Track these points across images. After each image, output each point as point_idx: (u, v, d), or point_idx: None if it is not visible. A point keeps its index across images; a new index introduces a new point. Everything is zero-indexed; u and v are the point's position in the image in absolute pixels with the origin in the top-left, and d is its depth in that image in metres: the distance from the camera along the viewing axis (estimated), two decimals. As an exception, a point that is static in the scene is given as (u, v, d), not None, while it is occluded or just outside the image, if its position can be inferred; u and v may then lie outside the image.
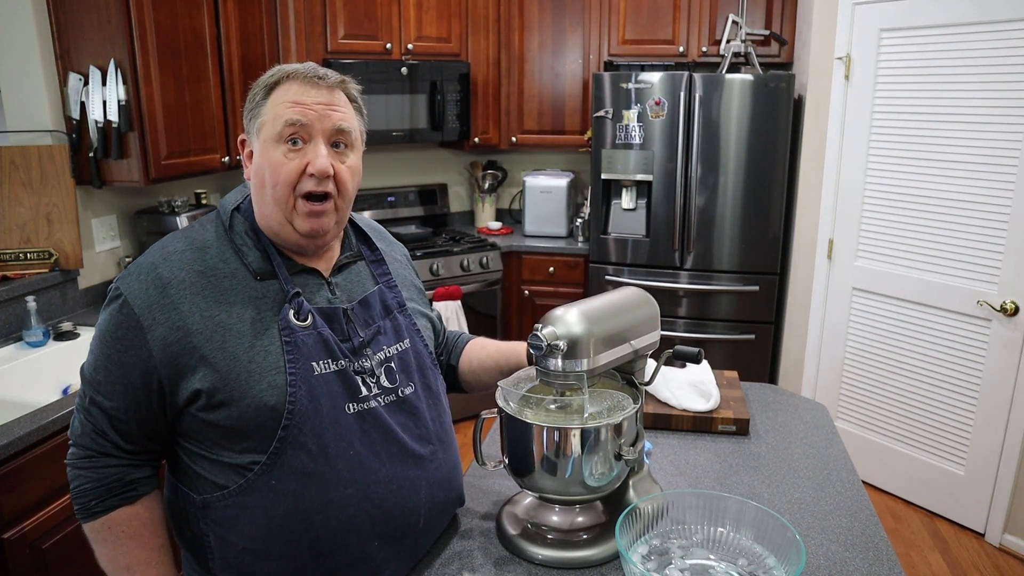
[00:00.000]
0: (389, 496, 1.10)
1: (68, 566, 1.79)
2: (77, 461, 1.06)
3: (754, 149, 3.23)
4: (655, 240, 3.44)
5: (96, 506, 1.05)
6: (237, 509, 1.04)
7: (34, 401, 1.86)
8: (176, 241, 1.09)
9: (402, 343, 1.19)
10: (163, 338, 1.01)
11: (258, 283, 1.07)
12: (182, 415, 1.05)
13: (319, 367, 1.06)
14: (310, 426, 1.04)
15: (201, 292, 1.04)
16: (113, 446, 1.05)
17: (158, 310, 1.02)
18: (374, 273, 1.21)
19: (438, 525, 1.21)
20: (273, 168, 1.04)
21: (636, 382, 1.26)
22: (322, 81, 1.07)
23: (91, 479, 1.05)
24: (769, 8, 3.47)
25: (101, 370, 1.05)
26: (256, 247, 1.09)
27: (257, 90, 1.08)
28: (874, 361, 3.05)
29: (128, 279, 1.05)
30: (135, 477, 1.07)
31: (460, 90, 3.61)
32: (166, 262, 1.05)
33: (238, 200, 1.13)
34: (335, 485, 1.05)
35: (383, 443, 1.10)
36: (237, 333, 1.03)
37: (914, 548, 2.73)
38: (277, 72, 1.08)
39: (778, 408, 1.79)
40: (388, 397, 1.13)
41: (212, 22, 2.65)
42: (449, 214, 4.18)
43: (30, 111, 2.38)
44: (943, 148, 2.70)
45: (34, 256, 2.38)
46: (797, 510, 1.34)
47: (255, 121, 1.07)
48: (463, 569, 1.18)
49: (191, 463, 1.08)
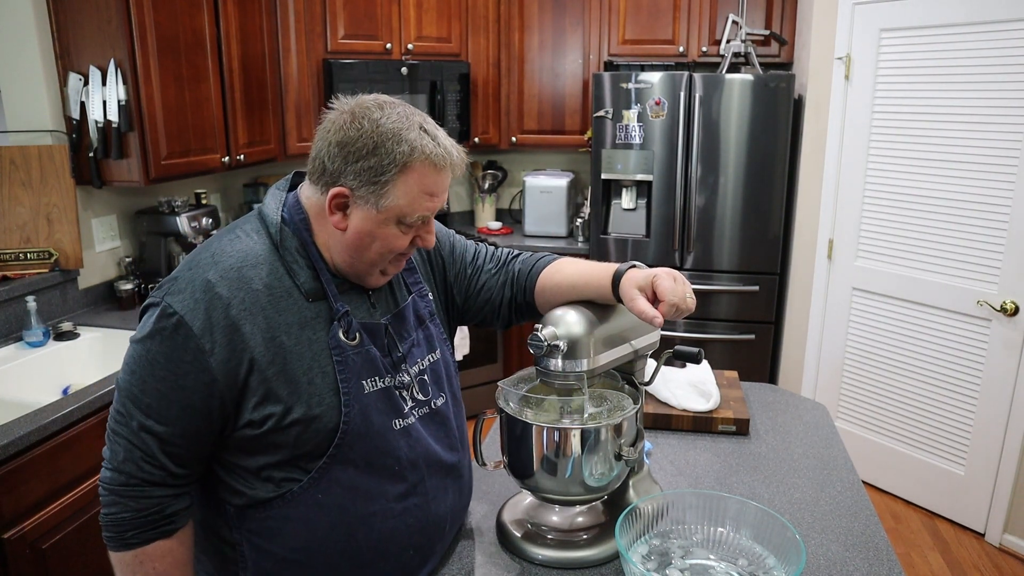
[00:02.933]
0: (425, 506, 1.13)
1: (68, 566, 1.79)
2: (119, 488, 1.01)
3: (754, 149, 3.23)
4: (655, 240, 3.44)
5: (132, 537, 1.01)
6: (280, 520, 1.05)
7: (34, 401, 1.86)
8: (227, 255, 1.03)
9: (434, 354, 1.20)
10: (226, 361, 0.98)
11: (310, 304, 1.05)
12: (234, 435, 1.03)
13: (368, 385, 1.07)
14: (360, 443, 1.05)
15: (262, 311, 1.01)
16: (162, 472, 1.01)
17: (220, 332, 0.98)
18: (406, 281, 1.21)
19: (457, 527, 1.24)
20: (386, 242, 1.05)
21: (636, 382, 1.26)
22: (446, 165, 1.04)
23: (132, 509, 1.01)
24: (769, 8, 3.47)
25: (152, 393, 0.99)
26: (308, 266, 1.06)
27: (386, 160, 1.00)
28: (874, 361, 3.05)
29: (181, 296, 0.99)
30: (176, 509, 1.04)
31: (460, 90, 3.61)
32: (223, 280, 1.00)
33: (279, 208, 1.08)
34: (378, 498, 1.08)
35: (424, 457, 1.13)
36: (297, 355, 1.02)
37: (914, 548, 2.73)
38: (411, 151, 1.01)
39: (778, 408, 1.79)
40: (422, 410, 1.15)
41: (212, 22, 2.65)
42: (449, 214, 4.18)
43: (30, 111, 2.38)
44: (943, 148, 2.70)
45: (34, 256, 2.38)
46: (797, 510, 1.34)
47: (379, 196, 1.01)
48: (463, 569, 1.18)
49: (228, 477, 1.06)
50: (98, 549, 1.86)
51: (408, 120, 1.02)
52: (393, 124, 1.01)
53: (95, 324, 2.41)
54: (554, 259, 1.30)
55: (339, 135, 1.01)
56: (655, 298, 1.08)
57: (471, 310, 1.31)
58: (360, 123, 1.01)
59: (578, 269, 1.23)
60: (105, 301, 2.64)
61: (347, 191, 1.02)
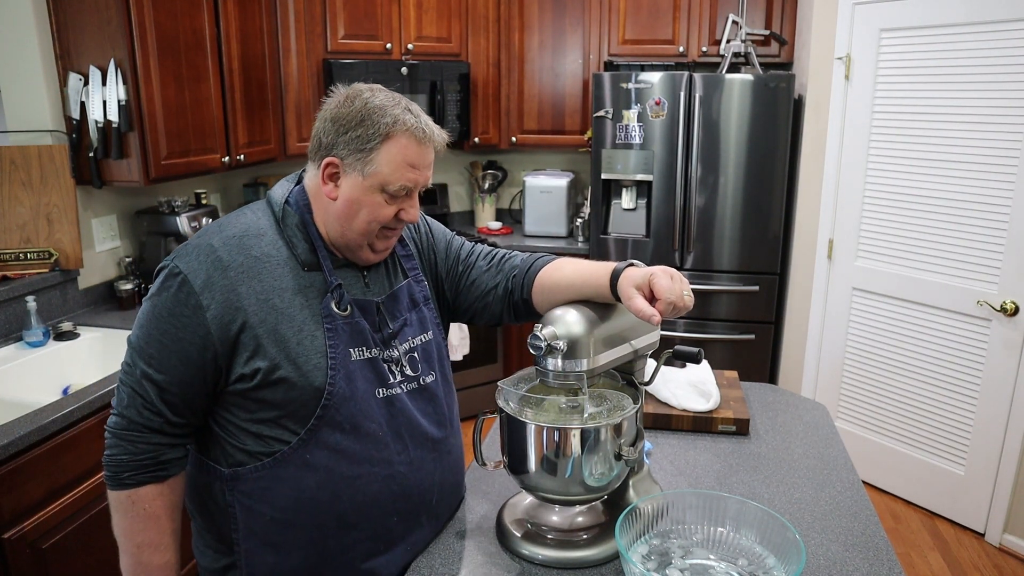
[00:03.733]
0: (410, 475, 1.20)
1: (68, 566, 1.79)
2: (120, 432, 1.10)
3: (754, 149, 3.23)
4: (655, 240, 3.44)
5: (128, 478, 1.10)
6: (270, 480, 1.12)
7: (34, 401, 1.86)
8: (231, 226, 1.14)
9: (425, 335, 1.26)
10: (220, 316, 1.07)
11: (305, 273, 1.14)
12: (227, 389, 1.11)
13: (355, 354, 1.15)
14: (346, 407, 1.13)
15: (257, 276, 1.10)
16: (160, 419, 1.09)
17: (218, 290, 1.08)
18: (404, 267, 1.28)
19: (448, 505, 1.30)
20: (371, 209, 1.13)
21: (636, 382, 1.26)
22: (426, 138, 1.14)
23: (130, 452, 1.09)
24: (769, 8, 3.47)
25: (155, 344, 1.08)
26: (305, 240, 1.16)
27: (371, 130, 1.10)
28: (874, 361, 3.05)
29: (187, 258, 1.10)
30: (170, 457, 1.12)
31: (460, 90, 3.61)
32: (225, 246, 1.11)
33: (285, 194, 1.19)
34: (363, 462, 1.15)
35: (407, 427, 1.20)
36: (288, 317, 1.11)
37: (914, 548, 2.73)
38: (395, 122, 1.11)
39: (778, 408, 1.79)
40: (411, 384, 1.22)
41: (212, 22, 2.65)
42: (449, 214, 4.18)
43: (30, 111, 2.38)
44: (943, 148, 2.70)
45: (34, 256, 2.38)
46: (797, 510, 1.34)
47: (365, 163, 1.11)
48: (463, 569, 1.18)
49: (223, 435, 1.14)
50: (98, 549, 1.87)
51: (395, 100, 1.14)
52: (381, 102, 1.12)
53: (95, 324, 2.41)
54: (552, 258, 1.33)
55: (333, 112, 1.13)
56: (652, 296, 1.09)
57: (461, 306, 1.36)
58: (352, 101, 1.13)
59: (577, 268, 1.24)
60: (105, 301, 2.64)
61: (337, 160, 1.12)
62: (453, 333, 3.38)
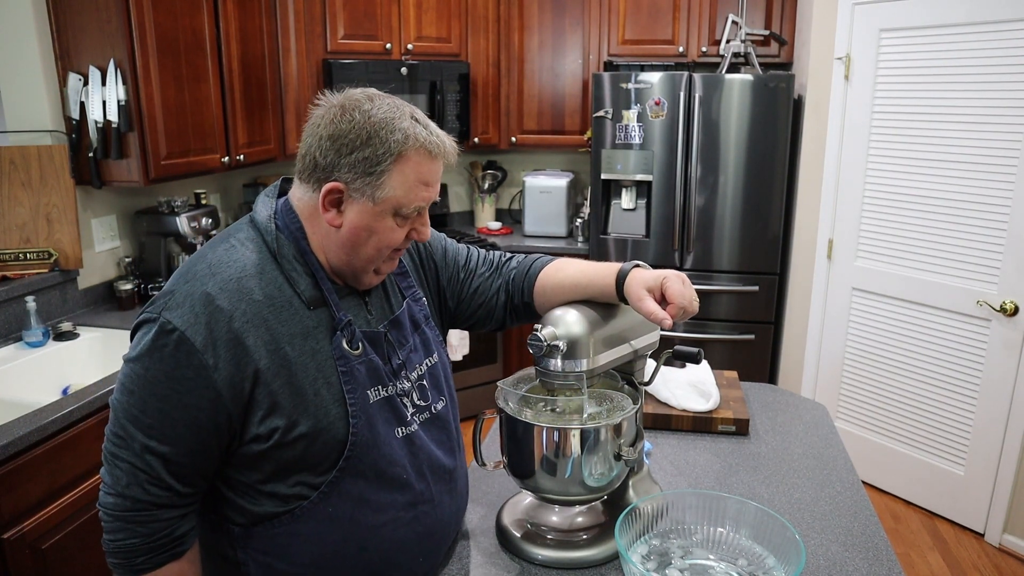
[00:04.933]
0: (431, 513, 1.13)
1: (68, 566, 1.79)
2: (123, 514, 0.97)
3: (754, 149, 3.23)
4: (655, 240, 3.44)
5: (144, 563, 0.99)
6: (288, 537, 1.03)
7: (34, 401, 1.86)
8: (224, 267, 1.00)
9: (431, 358, 1.20)
10: (231, 376, 0.95)
11: (311, 312, 1.03)
12: (239, 451, 1.01)
13: (373, 395, 1.06)
14: (368, 455, 1.04)
15: (264, 323, 0.98)
16: (169, 493, 0.98)
17: (223, 346, 0.95)
18: (400, 286, 1.19)
19: (457, 529, 1.25)
20: (383, 236, 1.03)
21: (636, 382, 1.26)
22: (439, 152, 1.04)
23: (140, 534, 0.98)
24: (769, 8, 3.47)
25: (154, 413, 0.95)
26: (306, 273, 1.04)
27: (380, 150, 0.98)
28: (874, 361, 3.05)
29: (180, 311, 0.95)
30: (185, 530, 1.02)
31: (460, 90, 3.61)
32: (223, 292, 0.97)
33: (270, 214, 1.05)
34: (388, 508, 1.07)
35: (427, 463, 1.13)
36: (301, 366, 1.00)
37: (914, 548, 2.73)
38: (406, 138, 1.00)
39: (778, 408, 1.79)
40: (423, 415, 1.15)
41: (212, 22, 2.65)
42: (449, 214, 4.18)
43: (30, 111, 2.38)
44: (943, 148, 2.70)
45: (34, 256, 2.38)
46: (797, 510, 1.34)
47: (375, 187, 0.99)
48: (463, 569, 1.18)
49: (234, 494, 1.04)
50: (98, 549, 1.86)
51: (399, 110, 1.01)
52: (384, 114, 1.00)
53: (95, 324, 2.41)
54: (550, 259, 1.30)
55: (330, 129, 0.99)
56: (663, 300, 1.09)
57: (463, 314, 1.31)
58: (351, 115, 0.99)
59: (580, 268, 1.22)
60: (105, 301, 2.64)
61: (341, 186, 0.99)
62: (453, 333, 3.38)
